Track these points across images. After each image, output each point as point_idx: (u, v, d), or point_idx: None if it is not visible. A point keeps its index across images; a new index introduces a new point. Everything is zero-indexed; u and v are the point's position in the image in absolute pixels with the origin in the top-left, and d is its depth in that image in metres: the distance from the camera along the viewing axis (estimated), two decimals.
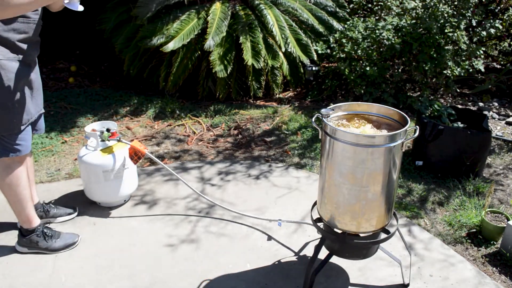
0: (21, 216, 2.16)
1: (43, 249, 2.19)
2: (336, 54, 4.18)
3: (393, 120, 1.81)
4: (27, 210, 2.15)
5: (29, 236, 2.17)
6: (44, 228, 2.21)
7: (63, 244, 2.22)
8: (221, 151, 3.42)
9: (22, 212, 2.14)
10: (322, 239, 1.91)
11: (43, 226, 2.22)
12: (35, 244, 2.18)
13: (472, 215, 2.49)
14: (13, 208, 2.15)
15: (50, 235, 2.21)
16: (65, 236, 2.26)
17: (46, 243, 2.19)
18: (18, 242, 2.20)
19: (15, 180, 2.06)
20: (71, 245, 2.24)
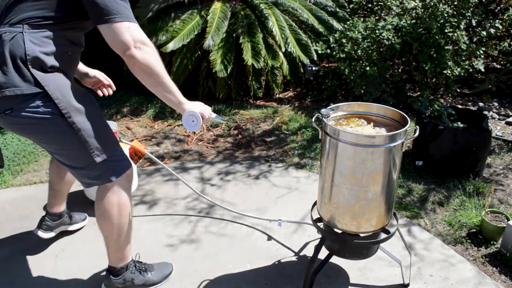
0: (118, 253, 1.86)
1: (140, 286, 1.93)
2: (336, 54, 4.18)
3: (393, 120, 1.81)
4: (127, 246, 1.87)
5: (123, 275, 1.88)
6: (137, 263, 1.96)
7: (161, 276, 2.00)
8: (221, 151, 3.42)
9: (124, 248, 1.86)
10: (322, 239, 1.91)
11: (135, 261, 1.95)
12: (130, 283, 1.90)
13: (472, 215, 2.49)
14: (111, 244, 1.83)
15: (144, 269, 1.96)
16: (159, 266, 2.04)
17: (143, 278, 1.93)
18: (108, 285, 1.90)
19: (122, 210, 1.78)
20: (168, 275, 2.03)
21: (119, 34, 1.53)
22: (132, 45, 1.54)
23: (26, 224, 2.42)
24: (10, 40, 1.50)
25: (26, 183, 2.89)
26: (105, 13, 1.52)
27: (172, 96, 1.67)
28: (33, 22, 1.53)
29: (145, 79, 1.62)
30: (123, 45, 1.53)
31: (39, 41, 1.53)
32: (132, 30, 1.55)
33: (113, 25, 1.53)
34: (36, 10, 1.54)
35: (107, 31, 1.54)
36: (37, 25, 1.54)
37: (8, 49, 1.50)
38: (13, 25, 1.53)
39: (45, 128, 1.60)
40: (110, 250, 1.86)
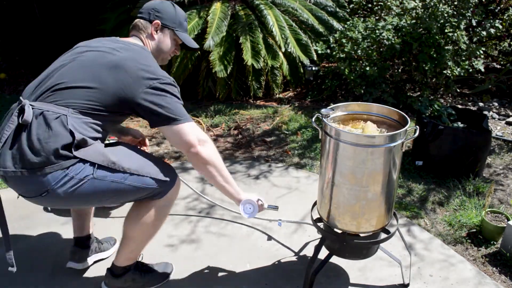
0: (131, 254, 1.86)
1: (140, 286, 1.94)
2: (336, 54, 4.18)
3: (393, 120, 1.81)
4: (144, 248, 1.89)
5: (124, 275, 1.89)
6: (139, 263, 1.96)
7: (161, 276, 2.01)
8: (221, 151, 3.42)
9: (138, 250, 1.88)
10: (322, 239, 1.91)
11: (138, 262, 1.96)
12: (131, 283, 1.91)
13: (472, 215, 2.49)
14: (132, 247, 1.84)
15: (146, 269, 1.97)
16: (160, 267, 2.04)
17: (143, 279, 1.94)
18: (109, 284, 1.90)
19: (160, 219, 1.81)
20: (168, 276, 2.04)
21: (185, 135, 1.66)
22: (196, 144, 1.67)
23: (26, 224, 2.42)
24: (54, 119, 1.53)
25: None
26: (170, 117, 1.63)
27: (230, 187, 1.80)
28: (79, 109, 1.57)
29: (207, 172, 1.74)
30: (189, 145, 1.66)
31: (81, 126, 1.57)
32: (194, 130, 1.68)
33: (177, 127, 1.64)
34: (86, 100, 1.58)
35: (171, 133, 1.66)
36: (82, 112, 1.58)
37: (52, 129, 1.52)
38: (58, 106, 1.56)
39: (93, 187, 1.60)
40: (125, 251, 1.85)
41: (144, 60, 1.66)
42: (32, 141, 1.52)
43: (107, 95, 1.60)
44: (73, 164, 1.55)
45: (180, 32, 1.90)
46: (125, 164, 1.64)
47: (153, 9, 1.85)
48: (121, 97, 1.60)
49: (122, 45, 1.70)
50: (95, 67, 1.61)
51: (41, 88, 1.62)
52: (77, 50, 1.72)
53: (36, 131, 1.52)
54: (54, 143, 1.52)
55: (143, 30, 1.84)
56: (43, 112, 1.54)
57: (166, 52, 1.89)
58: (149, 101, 1.61)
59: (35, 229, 2.40)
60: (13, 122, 1.55)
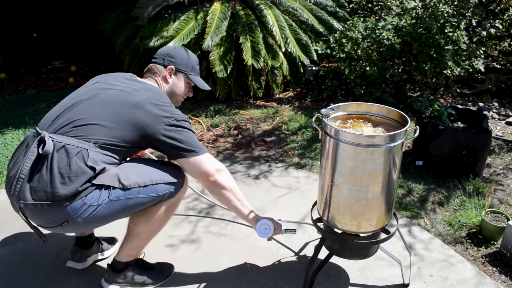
0: (134, 251, 1.91)
1: (139, 283, 1.96)
2: (336, 54, 4.18)
3: (393, 120, 1.81)
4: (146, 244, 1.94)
5: (124, 270, 1.92)
6: (140, 261, 1.99)
7: (161, 276, 2.02)
8: (221, 151, 3.42)
9: (142, 246, 1.93)
10: (322, 239, 1.91)
11: (138, 259, 1.99)
12: (130, 279, 1.93)
13: (472, 215, 2.49)
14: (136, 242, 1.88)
15: (146, 267, 1.99)
16: (160, 266, 2.06)
17: (143, 276, 1.96)
18: (108, 279, 1.93)
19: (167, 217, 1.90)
20: (168, 276, 2.04)
21: (203, 166, 1.78)
22: (214, 173, 1.80)
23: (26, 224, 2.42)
24: (75, 154, 1.59)
25: None
26: (188, 149, 1.75)
27: (246, 210, 1.92)
28: (100, 144, 1.65)
29: (225, 197, 1.87)
30: (207, 174, 1.79)
31: (100, 159, 1.64)
32: (210, 160, 1.81)
33: (194, 159, 1.76)
34: (106, 136, 1.66)
35: (189, 164, 1.78)
36: (102, 147, 1.65)
37: (74, 164, 1.58)
38: (79, 140, 1.62)
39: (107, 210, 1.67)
40: (128, 246, 1.89)
41: (162, 100, 1.76)
42: (54, 175, 1.57)
43: (128, 132, 1.68)
44: (90, 192, 1.61)
45: (193, 75, 2.01)
46: (137, 179, 1.70)
47: (167, 55, 1.96)
48: (141, 134, 1.70)
49: (141, 86, 1.79)
50: (116, 106, 1.69)
51: (60, 121, 1.68)
52: (97, 86, 1.79)
53: (57, 165, 1.58)
54: (75, 178, 1.58)
55: (158, 74, 1.95)
56: (65, 145, 1.59)
57: (179, 95, 2.00)
58: (168, 137, 1.71)
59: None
60: (32, 153, 1.61)
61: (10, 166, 1.68)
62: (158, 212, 1.82)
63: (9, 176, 1.66)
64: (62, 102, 1.78)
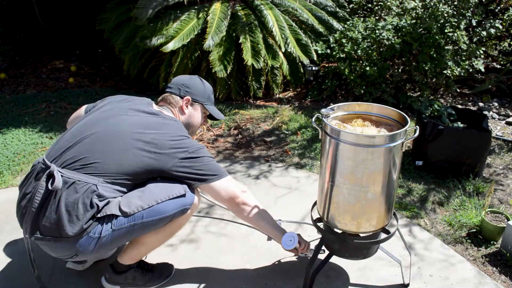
0: (137, 256, 1.89)
1: (140, 284, 1.95)
2: (336, 54, 4.18)
3: (393, 120, 1.81)
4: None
5: (126, 272, 1.91)
6: (141, 262, 1.98)
7: (161, 276, 2.01)
8: (221, 151, 3.42)
9: (146, 253, 1.93)
10: (322, 239, 1.91)
11: (140, 260, 1.98)
12: (131, 280, 1.92)
13: (472, 215, 2.49)
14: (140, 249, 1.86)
15: (147, 268, 1.98)
16: (160, 267, 2.05)
17: (144, 277, 1.95)
18: (109, 279, 1.92)
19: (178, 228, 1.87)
20: (168, 276, 2.04)
21: (229, 189, 1.78)
22: (240, 194, 1.80)
23: None
24: (84, 192, 1.58)
25: None
26: (208, 175, 1.75)
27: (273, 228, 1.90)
28: (110, 179, 1.64)
29: (254, 218, 1.86)
30: (234, 196, 1.79)
31: (109, 193, 1.64)
32: (234, 182, 1.82)
33: (216, 183, 1.76)
34: (117, 173, 1.65)
35: (212, 190, 1.77)
36: (113, 182, 1.65)
37: (81, 201, 1.58)
38: (88, 176, 1.62)
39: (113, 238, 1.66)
40: (133, 252, 1.87)
41: (177, 133, 1.75)
42: (61, 213, 1.58)
43: (139, 168, 1.67)
44: (94, 227, 1.62)
45: (209, 105, 2.01)
46: (140, 202, 1.67)
47: (183, 85, 1.94)
48: (153, 169, 1.69)
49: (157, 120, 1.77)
50: (128, 141, 1.67)
51: (69, 154, 1.66)
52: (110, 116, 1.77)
53: (65, 202, 1.58)
54: (82, 216, 1.58)
55: (174, 105, 1.93)
56: (75, 181, 1.59)
57: (195, 126, 2.00)
58: (183, 171, 1.71)
59: None
60: (42, 187, 1.60)
61: (20, 194, 1.71)
62: (171, 225, 1.79)
63: (20, 205, 1.70)
64: (71, 131, 1.75)
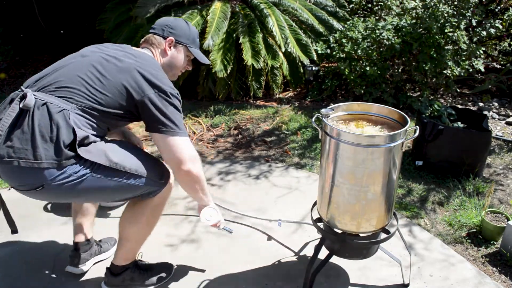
0: (128, 254, 1.88)
1: (139, 285, 1.95)
2: (336, 54, 4.18)
3: (393, 120, 1.81)
4: (141, 247, 1.91)
5: (123, 273, 1.90)
6: (138, 262, 1.98)
7: (160, 276, 2.00)
8: (221, 151, 3.42)
9: (136, 249, 1.90)
10: (322, 239, 1.91)
11: (137, 260, 1.98)
12: (129, 281, 1.92)
13: (472, 215, 2.49)
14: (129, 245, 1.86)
15: (145, 268, 1.97)
16: (159, 266, 2.04)
17: (142, 278, 1.95)
18: (108, 283, 1.91)
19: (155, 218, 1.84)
20: (168, 276, 2.03)
21: (179, 149, 1.63)
22: (188, 161, 1.65)
23: (26, 224, 2.42)
24: (57, 113, 1.51)
25: None
26: (169, 126, 1.62)
27: (205, 197, 1.83)
28: (82, 107, 1.56)
29: (193, 188, 1.76)
30: (181, 161, 1.64)
31: (82, 124, 1.56)
32: (188, 146, 1.66)
33: (172, 138, 1.63)
34: (90, 98, 1.57)
35: (164, 143, 1.64)
36: (85, 110, 1.57)
37: (55, 122, 1.50)
38: (61, 100, 1.55)
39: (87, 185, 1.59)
40: (122, 251, 1.87)
41: (155, 69, 1.68)
42: (35, 133, 1.48)
43: (113, 95, 1.60)
44: (73, 163, 1.54)
45: (193, 48, 1.93)
46: (125, 164, 1.63)
47: (167, 26, 1.87)
48: (127, 96, 1.61)
49: (135, 53, 1.72)
50: (104, 67, 1.62)
51: (45, 80, 1.60)
52: (89, 49, 1.73)
53: (38, 122, 1.49)
54: (56, 138, 1.49)
55: (156, 46, 1.85)
56: (47, 103, 1.51)
57: (178, 68, 1.92)
58: (154, 105, 1.61)
59: (35, 229, 2.40)
60: (13, 110, 1.51)
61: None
62: (144, 214, 1.78)
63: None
64: (51, 65, 1.69)
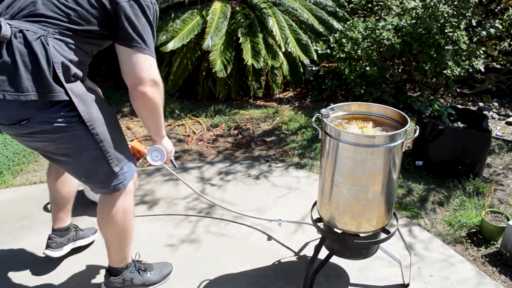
0: (119, 255, 1.86)
1: (139, 285, 1.94)
2: (336, 54, 4.18)
3: (393, 120, 1.81)
4: (128, 246, 1.88)
5: (122, 274, 1.89)
6: (137, 262, 1.96)
7: (160, 276, 2.00)
8: (221, 151, 3.42)
9: (123, 250, 1.87)
10: (322, 239, 1.91)
11: (134, 261, 1.96)
12: (130, 282, 1.90)
13: (472, 215, 2.49)
14: (114, 246, 1.84)
15: (144, 268, 1.96)
16: (159, 266, 2.04)
17: (142, 278, 1.93)
18: (107, 284, 1.90)
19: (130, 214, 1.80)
20: (167, 275, 2.03)
21: (140, 69, 1.52)
22: (146, 83, 1.54)
23: (26, 224, 2.42)
24: (35, 40, 1.42)
25: (26, 183, 2.89)
26: (135, 39, 1.51)
27: (160, 130, 1.78)
28: (60, 29, 1.48)
29: (145, 113, 1.65)
30: (138, 80, 1.53)
31: (62, 48, 1.48)
32: (153, 68, 1.55)
33: (136, 55, 1.52)
34: (66, 20, 1.49)
35: (126, 57, 1.53)
36: (63, 32, 1.48)
37: (34, 50, 1.42)
38: (37, 26, 1.45)
39: (65, 138, 1.54)
40: (112, 252, 1.86)
41: None
42: (17, 63, 1.41)
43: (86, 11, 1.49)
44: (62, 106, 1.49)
45: None
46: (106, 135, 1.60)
47: None
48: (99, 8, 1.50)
49: None
50: None
51: (16, 6, 1.50)
52: None
53: (19, 52, 1.41)
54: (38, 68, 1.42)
55: None
56: (23, 31, 1.42)
57: None
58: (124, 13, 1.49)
59: (35, 229, 2.40)
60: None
61: None
62: (114, 213, 1.74)
63: None
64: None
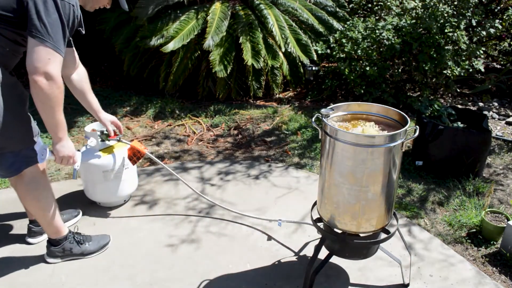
0: (50, 228, 2.07)
1: (78, 254, 2.15)
2: (336, 54, 4.18)
3: (393, 120, 1.81)
4: (56, 220, 2.06)
5: (62, 244, 2.11)
6: (75, 234, 2.16)
7: (97, 246, 2.20)
8: (221, 151, 3.42)
9: (52, 223, 2.06)
10: (322, 239, 1.91)
11: (73, 233, 2.16)
12: (69, 252, 2.12)
13: (472, 215, 2.49)
14: (41, 221, 2.06)
15: (82, 240, 2.17)
16: (97, 237, 2.23)
17: (80, 248, 2.15)
18: (49, 253, 2.12)
19: (42, 192, 1.99)
20: (105, 246, 2.23)
21: (38, 58, 1.58)
22: (40, 74, 1.59)
23: (26, 224, 2.42)
24: None
25: None
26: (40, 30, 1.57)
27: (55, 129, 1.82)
28: None
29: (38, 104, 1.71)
30: (34, 69, 1.58)
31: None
32: (51, 62, 1.60)
33: (39, 46, 1.58)
34: None
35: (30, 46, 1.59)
36: None
37: None
38: None
39: None
40: (43, 226, 2.08)
41: None
42: None
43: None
44: None
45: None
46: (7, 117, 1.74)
47: None
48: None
49: None
50: None
51: None
52: None
53: None
54: None
55: None
56: None
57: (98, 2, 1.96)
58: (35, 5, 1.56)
59: None
60: None
61: None
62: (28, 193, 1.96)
63: None
64: None
